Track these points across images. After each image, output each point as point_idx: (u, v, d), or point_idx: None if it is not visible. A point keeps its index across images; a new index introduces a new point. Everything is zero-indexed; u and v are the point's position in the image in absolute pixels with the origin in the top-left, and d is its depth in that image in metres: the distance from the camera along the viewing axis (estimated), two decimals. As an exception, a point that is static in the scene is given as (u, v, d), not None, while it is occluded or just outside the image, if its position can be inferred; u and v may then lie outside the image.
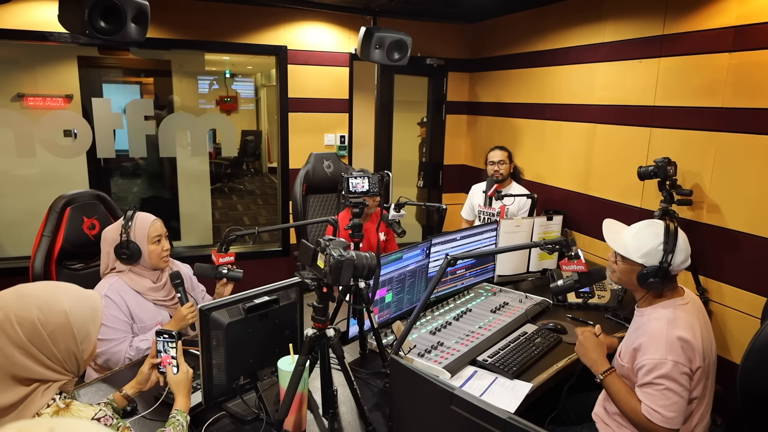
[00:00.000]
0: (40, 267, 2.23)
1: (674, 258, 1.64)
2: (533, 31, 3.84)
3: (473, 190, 3.70)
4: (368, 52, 3.54)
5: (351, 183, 2.26)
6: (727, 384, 1.90)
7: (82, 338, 1.21)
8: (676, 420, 1.59)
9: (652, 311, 1.72)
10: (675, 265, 1.66)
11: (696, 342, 1.62)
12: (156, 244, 2.09)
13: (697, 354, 1.62)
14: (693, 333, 1.63)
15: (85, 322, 1.22)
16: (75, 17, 2.42)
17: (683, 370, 1.59)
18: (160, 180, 5.21)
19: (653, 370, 1.61)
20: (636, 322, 1.78)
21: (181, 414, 1.49)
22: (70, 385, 1.26)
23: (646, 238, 1.69)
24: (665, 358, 1.59)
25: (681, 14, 2.75)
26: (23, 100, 4.21)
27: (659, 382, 1.60)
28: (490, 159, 3.46)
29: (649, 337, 1.65)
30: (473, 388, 1.79)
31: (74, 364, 1.23)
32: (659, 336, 1.63)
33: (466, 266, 2.62)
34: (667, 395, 1.59)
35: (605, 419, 1.83)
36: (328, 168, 3.69)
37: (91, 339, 1.25)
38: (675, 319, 1.65)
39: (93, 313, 1.25)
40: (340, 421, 1.66)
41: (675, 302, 1.70)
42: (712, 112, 2.60)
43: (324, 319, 1.53)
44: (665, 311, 1.68)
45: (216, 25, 3.86)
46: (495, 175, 3.40)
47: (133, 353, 2.00)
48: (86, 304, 1.25)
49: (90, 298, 1.27)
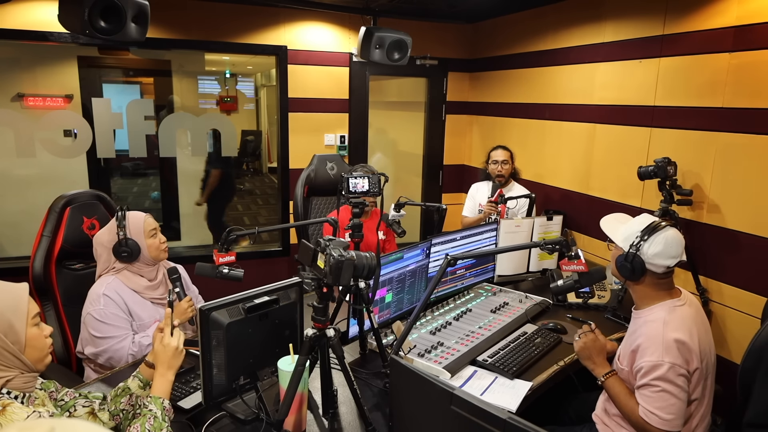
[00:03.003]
0: (40, 267, 2.23)
1: (648, 246, 1.63)
2: (533, 31, 3.84)
3: (475, 189, 3.69)
4: (368, 52, 3.54)
5: (351, 183, 2.26)
6: (727, 384, 1.90)
7: (4, 331, 1.19)
8: (675, 422, 1.58)
9: (648, 313, 1.71)
10: (648, 255, 1.63)
11: (693, 343, 1.62)
12: (153, 238, 2.13)
13: (694, 355, 1.62)
14: (689, 334, 1.62)
15: (2, 313, 1.19)
16: (75, 17, 2.42)
17: (680, 371, 1.58)
18: (162, 180, 5.21)
19: (650, 372, 1.60)
20: (633, 324, 1.78)
21: (155, 401, 1.34)
22: (20, 381, 1.23)
23: (632, 224, 1.73)
24: (662, 360, 1.59)
25: (681, 14, 2.74)
26: (23, 100, 4.21)
27: (656, 384, 1.59)
28: (493, 158, 3.46)
29: (645, 339, 1.64)
30: (473, 388, 1.79)
31: (13, 360, 1.20)
32: (655, 338, 1.62)
33: (466, 266, 2.62)
34: (664, 397, 1.58)
35: (605, 420, 1.83)
36: (332, 170, 3.67)
37: (17, 330, 1.21)
38: (671, 320, 1.64)
39: (14, 302, 1.23)
40: (340, 421, 1.66)
41: (671, 303, 1.69)
42: (712, 112, 2.60)
43: (324, 319, 1.53)
44: (661, 312, 1.67)
45: (216, 25, 3.86)
46: (498, 174, 3.40)
47: (136, 349, 2.01)
48: (5, 297, 1.22)
49: (10, 290, 1.25)
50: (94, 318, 1.99)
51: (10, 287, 1.26)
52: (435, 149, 4.82)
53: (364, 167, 2.95)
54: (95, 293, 2.03)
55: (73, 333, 2.29)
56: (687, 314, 1.68)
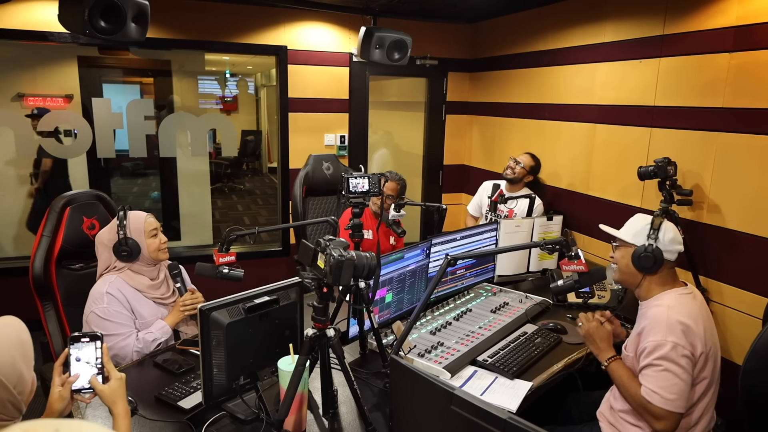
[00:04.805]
0: (40, 267, 2.23)
1: (663, 235, 1.71)
2: (533, 31, 3.84)
3: (483, 186, 3.69)
4: (368, 52, 3.54)
5: (351, 183, 2.26)
6: (728, 384, 1.90)
7: (14, 382, 1.08)
8: (677, 403, 1.59)
9: (654, 300, 1.74)
10: (665, 243, 1.70)
11: (697, 329, 1.64)
12: (153, 238, 2.12)
13: (698, 340, 1.63)
14: (694, 320, 1.65)
15: (14, 363, 1.08)
16: (75, 17, 2.42)
17: (683, 352, 1.60)
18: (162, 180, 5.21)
19: (653, 352, 1.62)
20: (639, 314, 1.81)
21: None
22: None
23: (635, 222, 1.80)
24: (665, 340, 1.61)
25: (681, 14, 2.74)
26: (23, 100, 4.21)
27: (658, 363, 1.61)
28: (512, 156, 3.48)
29: (650, 321, 1.68)
30: (473, 388, 1.79)
31: (12, 411, 1.09)
32: (659, 319, 1.65)
33: (466, 266, 2.62)
34: (667, 377, 1.59)
35: (609, 418, 1.83)
36: (328, 170, 3.67)
37: (26, 378, 1.11)
38: (676, 305, 1.68)
39: (21, 347, 1.11)
40: (340, 421, 1.66)
41: (677, 291, 1.74)
42: (712, 112, 2.60)
43: (324, 319, 1.53)
44: (666, 299, 1.72)
45: (216, 25, 3.86)
46: (507, 170, 3.42)
47: (141, 345, 2.01)
48: (9, 340, 1.10)
49: (12, 331, 1.12)
50: (97, 316, 1.99)
51: (8, 328, 1.12)
52: (435, 149, 4.82)
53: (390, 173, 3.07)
54: (98, 292, 2.03)
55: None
56: (692, 303, 1.71)
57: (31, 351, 1.14)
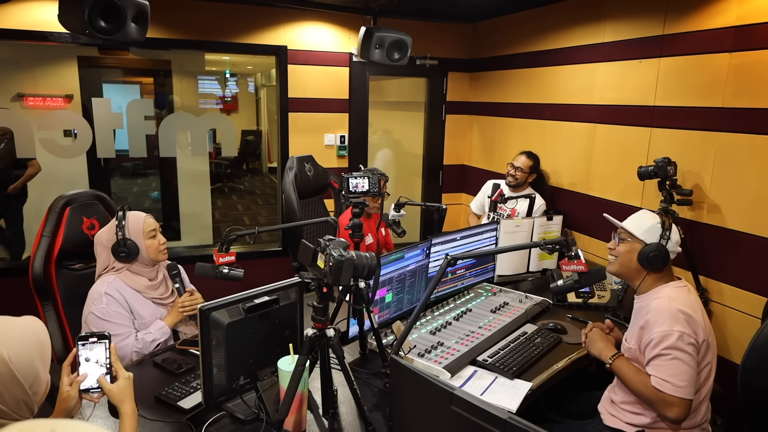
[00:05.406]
0: (40, 267, 2.23)
1: (672, 235, 1.76)
2: (533, 31, 3.84)
3: (485, 185, 3.69)
4: (368, 52, 3.54)
5: (351, 183, 2.25)
6: (727, 384, 1.90)
7: (30, 382, 1.08)
8: (687, 390, 1.62)
9: (653, 293, 1.78)
10: (673, 243, 1.76)
11: (697, 317, 1.69)
12: (152, 239, 2.12)
13: (699, 328, 1.67)
14: (693, 309, 1.69)
15: (31, 363, 1.08)
16: (75, 17, 2.42)
17: (689, 340, 1.63)
18: (162, 180, 5.21)
19: (661, 342, 1.65)
20: (637, 306, 1.83)
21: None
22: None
23: (644, 218, 1.83)
24: (671, 329, 1.64)
25: (681, 14, 2.74)
26: (23, 100, 4.21)
27: (667, 352, 1.63)
28: (512, 162, 3.47)
29: (653, 313, 1.70)
30: (473, 388, 1.79)
31: (25, 410, 1.09)
32: (663, 310, 1.68)
33: (466, 266, 2.62)
34: (676, 365, 1.62)
35: (611, 410, 1.86)
36: (309, 171, 3.63)
37: (42, 378, 1.11)
38: (676, 297, 1.72)
39: (39, 348, 1.11)
40: (340, 421, 1.66)
41: (674, 284, 1.78)
42: (712, 112, 2.60)
43: (324, 319, 1.53)
44: (666, 291, 1.75)
45: (216, 25, 3.86)
46: (509, 176, 3.41)
47: (140, 346, 2.01)
48: (29, 340, 1.10)
49: (32, 331, 1.12)
50: (96, 317, 1.99)
51: (29, 328, 1.12)
52: (435, 149, 4.82)
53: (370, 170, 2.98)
54: (97, 292, 2.03)
55: (73, 333, 2.29)
56: (689, 295, 1.76)
57: (48, 353, 1.15)
